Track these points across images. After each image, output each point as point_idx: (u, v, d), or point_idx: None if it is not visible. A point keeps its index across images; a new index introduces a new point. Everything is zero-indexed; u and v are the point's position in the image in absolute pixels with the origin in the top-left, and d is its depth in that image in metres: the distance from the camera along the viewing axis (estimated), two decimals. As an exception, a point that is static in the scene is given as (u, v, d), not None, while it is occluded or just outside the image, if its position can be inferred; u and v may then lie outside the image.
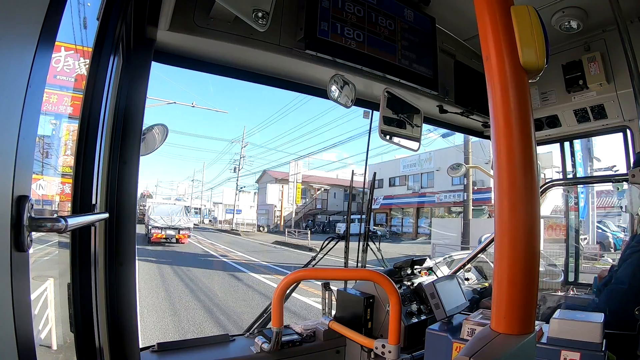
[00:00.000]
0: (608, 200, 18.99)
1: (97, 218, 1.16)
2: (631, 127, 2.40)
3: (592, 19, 2.10)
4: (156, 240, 20.07)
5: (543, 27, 0.74)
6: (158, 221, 20.66)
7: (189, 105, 21.26)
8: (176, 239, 20.62)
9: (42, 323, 2.19)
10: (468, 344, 0.71)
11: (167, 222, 20.71)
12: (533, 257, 0.72)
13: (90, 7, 1.58)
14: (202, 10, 1.51)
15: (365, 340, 1.68)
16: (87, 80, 1.15)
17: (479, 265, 3.54)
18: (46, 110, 3.12)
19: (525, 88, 0.74)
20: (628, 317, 1.71)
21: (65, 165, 2.89)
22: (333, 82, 1.87)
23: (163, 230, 20.41)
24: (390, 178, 35.30)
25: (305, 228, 34.77)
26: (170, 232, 20.53)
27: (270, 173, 43.87)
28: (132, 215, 1.45)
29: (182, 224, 21.22)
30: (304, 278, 1.77)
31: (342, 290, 2.20)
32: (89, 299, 1.18)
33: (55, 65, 4.18)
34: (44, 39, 0.60)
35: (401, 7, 2.00)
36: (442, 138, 21.59)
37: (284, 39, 1.70)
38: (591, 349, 1.33)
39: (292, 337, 1.98)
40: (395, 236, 31.44)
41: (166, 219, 20.89)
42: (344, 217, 34.69)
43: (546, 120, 2.64)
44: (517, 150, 0.72)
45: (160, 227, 20.45)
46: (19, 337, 0.56)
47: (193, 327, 6.49)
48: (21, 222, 0.56)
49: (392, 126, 2.10)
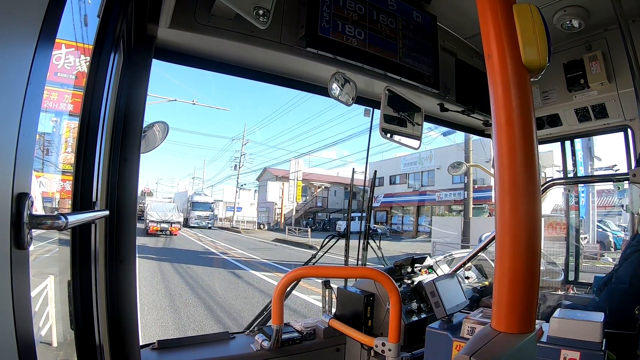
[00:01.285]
0: (608, 200, 18.97)
1: (98, 215, 1.16)
2: (632, 126, 2.39)
3: (593, 18, 2.09)
4: (153, 232, 24.25)
5: (545, 25, 0.74)
6: (154, 216, 25.28)
7: (190, 103, 21.43)
8: (169, 232, 24.84)
9: (43, 320, 2.20)
10: (468, 342, 0.71)
11: (162, 217, 25.33)
12: (534, 256, 0.72)
13: (90, 4, 1.58)
14: (202, 7, 1.51)
15: (365, 338, 1.69)
16: (87, 78, 1.15)
17: (479, 263, 3.54)
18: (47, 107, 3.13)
19: (526, 87, 0.74)
20: (628, 317, 1.71)
21: (66, 163, 2.89)
22: (334, 80, 1.87)
23: (158, 224, 24.79)
24: (391, 176, 35.30)
25: (306, 226, 34.83)
26: (164, 225, 24.92)
27: (270, 171, 43.86)
28: (132, 212, 1.45)
29: (174, 218, 25.81)
30: (304, 276, 1.77)
31: (342, 289, 2.20)
32: (89, 297, 1.18)
33: (55, 62, 4.17)
34: (44, 36, 0.60)
35: (402, 5, 2.00)
36: (442, 136, 21.58)
37: (285, 36, 1.70)
38: (591, 349, 1.33)
39: (292, 334, 1.98)
40: (396, 234, 31.47)
41: (161, 214, 25.63)
42: (345, 215, 34.76)
43: (547, 119, 2.63)
44: (519, 149, 0.72)
45: (156, 221, 24.88)
46: (19, 334, 0.56)
47: (193, 324, 6.50)
48: (21, 220, 0.56)
49: (393, 124, 2.10)
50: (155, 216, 25.33)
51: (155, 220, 24.97)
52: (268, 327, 1.99)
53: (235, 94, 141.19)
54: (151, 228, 24.42)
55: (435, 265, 2.66)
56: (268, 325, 2.03)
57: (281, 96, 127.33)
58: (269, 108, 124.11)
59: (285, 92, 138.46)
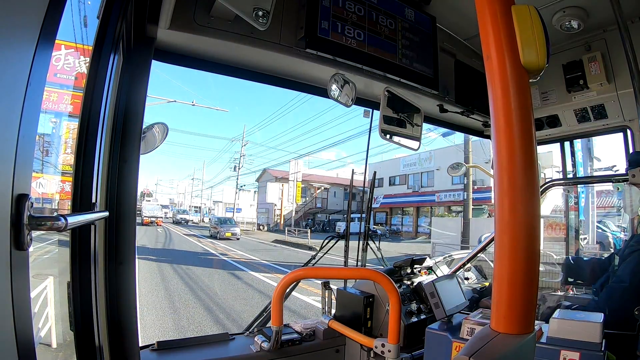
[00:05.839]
0: (608, 200, 18.97)
1: (97, 216, 1.16)
2: (631, 127, 2.39)
3: (592, 18, 2.09)
4: (146, 223, 37.08)
5: (544, 26, 0.74)
6: (147, 213, 40.13)
7: (189, 104, 21.44)
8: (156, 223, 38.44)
9: (42, 321, 2.19)
10: (468, 343, 0.71)
11: (151, 214, 40.05)
12: (533, 256, 0.72)
13: (90, 5, 1.58)
14: (202, 8, 1.51)
15: (364, 339, 1.69)
16: (87, 79, 1.15)
17: (478, 264, 3.53)
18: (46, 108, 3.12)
19: (526, 88, 0.74)
20: (628, 317, 1.71)
21: (65, 164, 2.89)
22: (333, 81, 1.87)
23: (149, 218, 38.64)
24: (390, 177, 35.31)
25: (305, 227, 34.83)
26: (152, 218, 38.79)
27: (270, 172, 43.86)
28: (132, 213, 1.45)
29: (158, 214, 41.41)
30: (303, 277, 1.76)
31: (342, 289, 2.20)
32: (88, 298, 1.18)
33: (55, 63, 4.17)
34: (44, 37, 0.60)
35: (402, 6, 2.00)
36: (442, 137, 21.63)
37: (284, 37, 1.70)
38: (590, 349, 1.33)
39: (291, 336, 1.98)
40: (395, 235, 31.47)
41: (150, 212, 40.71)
42: (344, 216, 34.73)
43: (546, 120, 2.64)
44: (518, 150, 0.72)
45: (148, 216, 39.09)
46: (19, 335, 0.56)
47: (193, 325, 6.49)
48: (21, 221, 0.56)
49: (393, 125, 2.10)
50: (148, 213, 40.20)
51: (148, 215, 39.20)
52: (267, 328, 1.99)
53: (234, 95, 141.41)
54: (144, 221, 37.55)
55: (435, 266, 2.66)
56: (268, 327, 2.02)
57: (280, 97, 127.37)
58: (269, 109, 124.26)
59: (285, 93, 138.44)
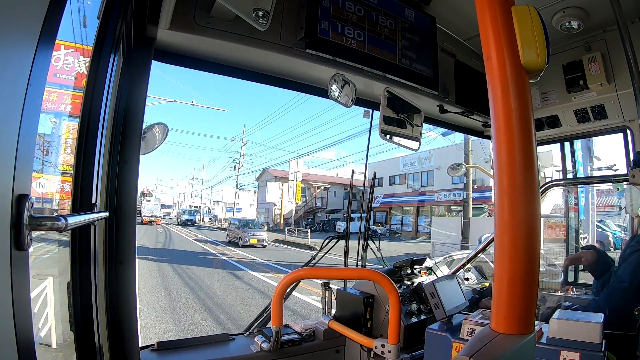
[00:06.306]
0: (608, 200, 18.97)
1: (97, 217, 1.16)
2: (631, 127, 2.39)
3: (592, 19, 2.09)
4: (145, 222, 37.19)
5: (544, 27, 0.74)
6: (146, 213, 39.68)
7: (189, 104, 21.42)
8: (155, 222, 38.59)
9: (42, 321, 2.19)
10: (468, 343, 0.71)
11: (150, 213, 39.87)
12: (533, 257, 0.72)
13: (90, 5, 1.58)
14: (202, 9, 1.51)
15: (364, 339, 1.69)
16: (87, 79, 1.15)
17: (478, 265, 3.53)
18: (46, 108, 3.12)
19: (525, 88, 0.74)
20: (628, 318, 1.71)
21: (65, 164, 2.88)
22: (333, 82, 1.87)
23: (148, 217, 38.68)
24: (390, 176, 35.30)
25: (305, 226, 34.85)
26: (151, 218, 38.87)
27: (270, 171, 43.86)
28: (132, 214, 1.45)
29: (157, 214, 41.07)
30: (303, 277, 1.77)
31: (341, 290, 2.20)
32: (88, 298, 1.18)
33: (55, 63, 4.17)
34: (44, 37, 0.60)
35: (402, 7, 2.00)
36: (442, 137, 21.63)
37: (284, 38, 1.70)
38: (591, 349, 1.33)
39: (291, 336, 1.98)
40: (395, 235, 31.43)
41: (150, 212, 40.27)
42: (344, 215, 34.72)
43: (546, 120, 2.64)
44: (518, 150, 0.72)
45: (147, 215, 38.96)
46: (19, 335, 0.56)
47: (193, 325, 6.49)
48: (21, 221, 0.56)
49: (393, 126, 2.10)
50: (147, 212, 39.98)
51: (147, 215, 39.23)
52: (267, 328, 1.99)
53: (234, 95, 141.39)
54: (144, 220, 37.64)
55: (435, 267, 2.66)
56: (268, 327, 2.03)
57: (280, 97, 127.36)
58: (268, 109, 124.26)
59: (285, 93, 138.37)
